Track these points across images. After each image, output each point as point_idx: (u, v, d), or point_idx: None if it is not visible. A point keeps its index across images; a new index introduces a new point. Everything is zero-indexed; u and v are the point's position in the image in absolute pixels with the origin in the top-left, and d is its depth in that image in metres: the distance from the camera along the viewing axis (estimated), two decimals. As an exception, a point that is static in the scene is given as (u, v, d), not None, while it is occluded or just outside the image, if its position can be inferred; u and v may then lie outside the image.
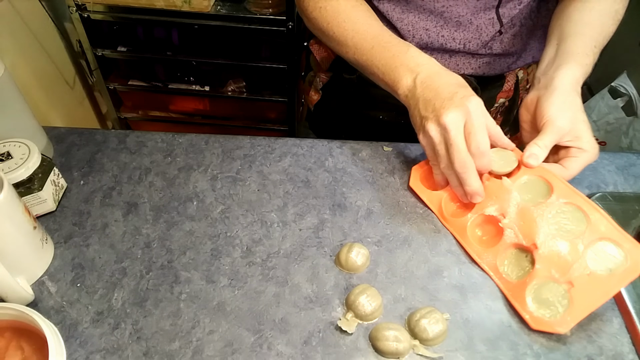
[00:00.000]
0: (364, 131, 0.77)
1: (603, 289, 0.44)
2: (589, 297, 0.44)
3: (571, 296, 0.45)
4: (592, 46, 0.55)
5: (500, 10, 0.61)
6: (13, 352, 0.41)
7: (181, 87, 1.52)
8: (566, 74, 0.52)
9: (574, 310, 0.44)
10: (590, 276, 0.44)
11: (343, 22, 0.59)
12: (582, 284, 0.44)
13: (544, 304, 0.46)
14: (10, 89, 0.54)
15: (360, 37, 0.58)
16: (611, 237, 0.46)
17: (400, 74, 0.53)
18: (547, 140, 0.51)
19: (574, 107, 0.52)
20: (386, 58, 0.55)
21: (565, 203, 0.49)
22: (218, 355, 0.44)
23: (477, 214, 0.53)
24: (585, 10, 0.58)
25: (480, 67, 0.67)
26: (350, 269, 0.50)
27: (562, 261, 0.46)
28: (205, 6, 1.26)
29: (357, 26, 0.59)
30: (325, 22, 0.61)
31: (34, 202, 0.52)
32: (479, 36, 0.63)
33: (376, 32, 0.58)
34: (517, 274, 0.49)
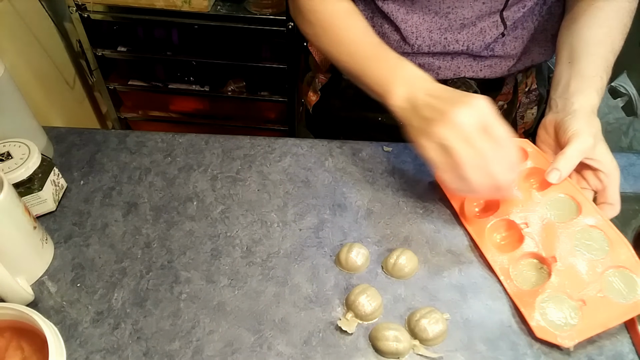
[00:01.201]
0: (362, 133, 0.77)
1: (614, 314, 0.45)
2: (599, 318, 0.45)
3: (582, 314, 0.45)
4: (605, 66, 0.56)
5: (505, 13, 0.61)
6: (13, 352, 0.41)
7: (181, 87, 1.52)
8: (585, 99, 0.53)
9: (583, 327, 0.44)
10: (604, 299, 0.45)
11: (339, 29, 0.59)
12: (594, 305, 0.45)
13: (552, 315, 0.46)
14: (10, 89, 0.54)
15: (356, 46, 0.57)
16: (630, 267, 0.47)
17: (396, 86, 0.52)
18: (572, 152, 0.50)
19: (596, 127, 0.52)
20: (382, 69, 0.54)
21: (590, 226, 0.49)
22: (218, 355, 0.44)
23: (499, 217, 0.53)
24: (595, 27, 0.57)
25: (481, 70, 0.67)
26: (350, 269, 0.50)
27: (578, 279, 0.46)
28: (205, 6, 1.26)
29: (352, 34, 0.58)
30: (320, 27, 0.60)
31: (34, 202, 0.52)
32: (483, 38, 0.63)
33: (373, 43, 0.57)
34: (530, 283, 0.49)
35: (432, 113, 0.48)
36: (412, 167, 0.62)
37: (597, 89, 0.54)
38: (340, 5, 0.60)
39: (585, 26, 0.58)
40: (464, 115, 0.45)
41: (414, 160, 0.63)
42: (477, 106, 0.46)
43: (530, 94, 0.76)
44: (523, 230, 0.51)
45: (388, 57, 0.55)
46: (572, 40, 0.58)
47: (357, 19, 0.59)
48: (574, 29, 0.59)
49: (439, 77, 0.68)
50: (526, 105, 0.77)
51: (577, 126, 0.51)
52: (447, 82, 0.68)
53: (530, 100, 0.76)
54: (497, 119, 0.46)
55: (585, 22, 0.58)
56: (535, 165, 0.55)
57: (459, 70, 0.67)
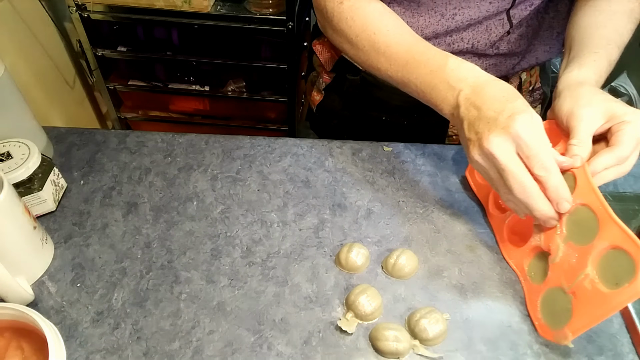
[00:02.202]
0: (366, 132, 0.77)
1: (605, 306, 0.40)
2: (589, 313, 0.41)
3: (575, 309, 0.42)
4: (603, 43, 0.53)
5: (511, 11, 0.61)
6: (13, 352, 0.41)
7: (181, 87, 1.52)
8: (568, 76, 0.51)
9: (574, 324, 0.42)
10: (592, 291, 0.41)
11: (373, 34, 0.54)
12: (582, 296, 0.42)
13: (550, 313, 0.45)
14: (10, 89, 0.54)
15: (392, 50, 0.53)
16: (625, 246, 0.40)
17: (441, 93, 0.49)
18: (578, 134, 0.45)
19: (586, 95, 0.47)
20: (423, 75, 0.50)
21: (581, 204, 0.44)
22: (218, 355, 0.44)
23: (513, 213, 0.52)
24: (593, 15, 0.56)
25: (487, 69, 0.67)
26: (350, 269, 0.50)
27: (570, 269, 0.44)
28: (205, 6, 1.26)
29: (388, 38, 0.54)
30: (354, 34, 0.56)
31: (34, 202, 0.52)
32: (488, 36, 0.63)
33: (409, 44, 0.53)
34: (541, 278, 0.48)
35: (470, 132, 0.46)
36: (412, 167, 0.62)
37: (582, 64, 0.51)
38: (371, 7, 0.56)
39: (585, 15, 0.57)
40: (497, 143, 0.43)
41: (414, 160, 0.63)
42: (515, 132, 0.42)
43: (534, 93, 0.76)
44: (533, 223, 0.49)
45: (428, 58, 0.51)
46: (571, 31, 0.58)
47: (391, 18, 0.56)
48: (573, 21, 0.58)
49: None
50: (530, 104, 0.77)
51: (567, 105, 0.47)
52: None
53: (534, 99, 0.76)
54: (539, 145, 0.42)
55: (585, 12, 0.58)
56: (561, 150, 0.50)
57: None
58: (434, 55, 0.50)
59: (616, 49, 0.54)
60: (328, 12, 0.58)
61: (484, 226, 0.56)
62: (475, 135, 0.45)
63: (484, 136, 0.43)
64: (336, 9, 0.57)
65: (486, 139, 0.43)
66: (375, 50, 0.55)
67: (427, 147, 0.65)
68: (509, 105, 0.44)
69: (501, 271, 0.51)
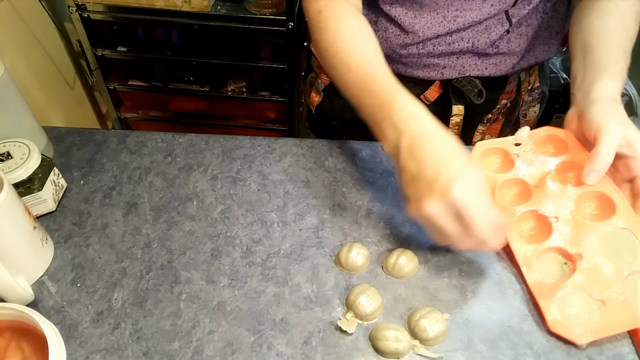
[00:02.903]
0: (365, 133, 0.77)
1: (633, 317, 0.44)
2: (617, 320, 0.45)
3: (601, 314, 0.45)
4: (621, 52, 0.54)
5: (510, 10, 0.61)
6: (13, 352, 0.41)
7: (181, 87, 1.51)
8: (602, 86, 0.51)
9: (599, 326, 0.44)
10: (624, 302, 0.45)
11: (339, 52, 0.54)
12: (614, 306, 0.45)
13: (570, 311, 0.46)
14: (10, 89, 0.54)
15: (352, 74, 0.53)
16: None
17: (385, 129, 0.48)
18: (606, 149, 0.47)
19: (619, 112, 0.49)
20: (372, 106, 0.50)
21: (622, 228, 0.49)
22: (218, 355, 0.44)
23: (529, 208, 0.52)
24: (605, 18, 0.56)
25: (486, 69, 0.67)
26: (350, 269, 0.50)
27: (601, 279, 0.46)
28: (205, 6, 1.26)
29: (352, 59, 0.53)
30: (323, 47, 0.56)
31: (34, 202, 0.52)
32: (488, 35, 0.63)
33: (369, 71, 0.52)
34: (552, 277, 0.49)
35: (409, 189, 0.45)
36: (412, 167, 0.62)
37: (614, 74, 0.52)
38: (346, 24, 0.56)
39: (597, 18, 0.57)
40: (435, 210, 0.43)
41: (414, 160, 0.63)
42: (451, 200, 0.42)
43: (533, 92, 0.76)
44: (553, 224, 0.50)
45: (380, 90, 0.50)
46: (583, 35, 0.57)
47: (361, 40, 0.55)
48: (584, 24, 0.58)
49: (444, 77, 0.68)
50: (529, 103, 0.77)
51: (600, 118, 0.49)
52: (452, 81, 0.68)
53: (533, 98, 0.76)
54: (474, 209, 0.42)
55: (595, 15, 0.57)
56: (572, 159, 0.53)
57: (463, 69, 0.67)
58: (387, 88, 0.49)
59: (629, 55, 0.55)
60: (309, 19, 0.59)
61: (484, 226, 0.56)
62: (415, 195, 0.44)
63: (422, 200, 0.43)
64: (314, 17, 0.57)
65: (424, 204, 0.43)
66: (337, 69, 0.54)
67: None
68: (449, 166, 0.43)
69: (501, 271, 0.51)
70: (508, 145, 0.58)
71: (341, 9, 0.56)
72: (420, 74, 0.68)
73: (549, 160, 0.55)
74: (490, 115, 0.75)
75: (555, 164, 0.54)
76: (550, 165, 0.54)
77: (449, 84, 0.69)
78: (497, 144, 0.58)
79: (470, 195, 0.42)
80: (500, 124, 0.78)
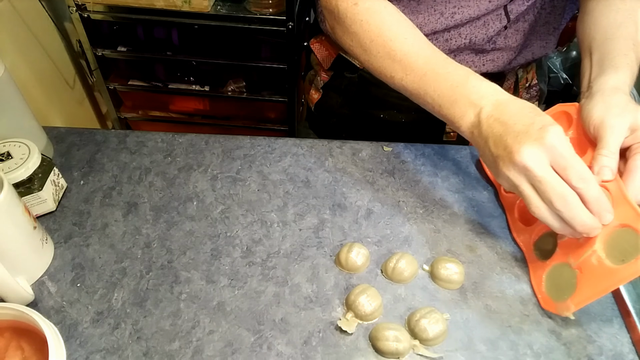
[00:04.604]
0: (364, 130, 0.77)
1: (609, 280, 0.42)
2: (592, 286, 0.43)
3: (578, 282, 0.45)
4: (629, 44, 0.52)
5: (509, 6, 0.61)
6: (13, 352, 0.41)
7: (181, 87, 1.51)
8: (604, 79, 0.49)
9: (578, 296, 0.44)
10: (598, 266, 0.43)
11: (390, 40, 0.52)
12: (589, 271, 0.44)
13: (554, 287, 0.47)
14: (10, 89, 0.54)
15: (410, 60, 0.51)
16: (634, 225, 0.42)
17: (461, 109, 0.47)
18: (607, 144, 0.45)
19: (620, 103, 0.46)
20: (442, 89, 0.48)
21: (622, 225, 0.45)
22: (218, 355, 0.44)
23: None
24: (611, 13, 0.55)
25: (484, 65, 0.67)
26: (350, 269, 0.50)
27: (578, 246, 0.46)
28: (205, 6, 1.26)
29: (406, 46, 0.51)
30: (368, 39, 0.53)
31: (34, 202, 0.52)
32: (486, 31, 0.63)
33: (428, 55, 0.50)
34: (547, 255, 0.50)
35: (497, 148, 0.44)
36: (412, 167, 0.62)
37: (620, 67, 0.50)
38: (387, 11, 0.54)
39: (602, 15, 0.56)
40: (530, 154, 0.41)
41: (414, 160, 0.63)
42: (549, 142, 0.41)
43: (531, 90, 0.76)
44: None
45: (448, 72, 0.49)
46: (590, 32, 0.56)
47: (408, 26, 0.54)
48: (591, 22, 0.57)
49: None
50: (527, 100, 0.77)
51: (597, 112, 0.47)
52: None
53: (531, 95, 0.76)
54: (574, 156, 0.41)
55: (600, 11, 0.56)
56: (575, 135, 0.52)
57: None
58: (455, 69, 0.49)
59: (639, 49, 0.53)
60: (340, 12, 0.55)
61: (484, 226, 0.56)
62: (504, 150, 0.43)
63: (514, 149, 0.42)
64: (350, 10, 0.54)
65: (518, 152, 0.41)
66: (390, 58, 0.52)
67: (427, 147, 0.65)
68: (538, 118, 0.43)
69: (501, 271, 0.51)
70: None
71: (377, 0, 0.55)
72: None
73: None
74: None
75: None
76: None
77: None
78: None
79: (566, 141, 0.41)
80: None
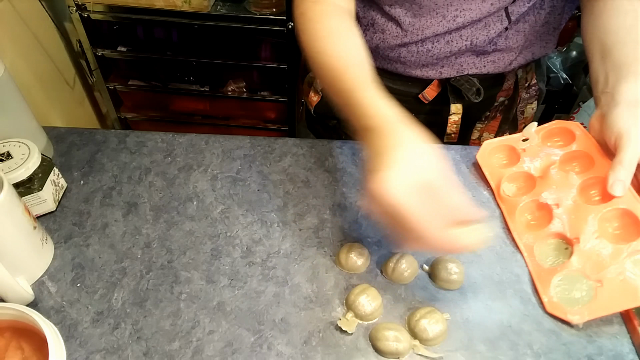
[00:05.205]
0: None
1: (630, 297, 0.44)
2: (613, 299, 0.44)
3: (596, 293, 0.45)
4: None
5: (510, 8, 0.61)
6: (13, 352, 0.41)
7: (181, 87, 1.52)
8: (627, 87, 0.50)
9: (594, 306, 0.45)
10: (623, 282, 0.44)
11: (317, 53, 0.55)
12: (611, 286, 0.45)
13: (566, 293, 0.46)
14: (10, 89, 0.54)
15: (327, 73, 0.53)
16: None
17: (352, 121, 0.48)
18: (626, 157, 0.46)
19: None
20: (343, 99, 0.50)
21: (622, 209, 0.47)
22: (218, 355, 0.44)
23: (532, 198, 0.54)
24: (620, 16, 0.55)
25: (484, 66, 0.67)
26: (350, 269, 0.50)
27: (599, 260, 0.46)
28: (205, 6, 1.26)
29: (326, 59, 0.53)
30: (304, 48, 0.57)
31: (34, 202, 0.52)
32: (487, 33, 0.63)
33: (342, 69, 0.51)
34: (552, 262, 0.49)
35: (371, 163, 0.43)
36: (412, 167, 0.62)
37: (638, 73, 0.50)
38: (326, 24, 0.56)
39: (611, 17, 0.56)
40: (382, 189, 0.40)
41: (414, 160, 0.63)
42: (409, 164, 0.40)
43: (530, 89, 0.76)
44: (554, 211, 0.51)
45: (350, 87, 0.49)
46: (600, 35, 0.56)
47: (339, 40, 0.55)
48: (599, 25, 0.57)
49: (442, 76, 0.68)
50: (526, 100, 0.77)
51: (621, 124, 0.47)
52: (450, 80, 0.68)
53: (531, 95, 0.77)
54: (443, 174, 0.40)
55: (608, 14, 0.56)
56: (579, 148, 0.54)
57: (462, 68, 0.67)
58: (356, 82, 0.49)
59: None
60: (294, 19, 0.60)
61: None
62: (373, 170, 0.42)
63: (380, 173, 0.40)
64: (298, 18, 0.58)
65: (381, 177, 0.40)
66: (315, 68, 0.56)
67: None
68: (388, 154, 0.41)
69: (501, 271, 0.51)
70: (515, 141, 0.59)
71: (323, 10, 0.57)
72: (418, 73, 0.68)
73: (555, 152, 0.56)
74: (488, 113, 0.76)
75: (560, 155, 0.55)
76: (555, 157, 0.55)
77: (447, 82, 0.69)
78: (504, 141, 0.60)
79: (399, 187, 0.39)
80: (498, 121, 0.78)
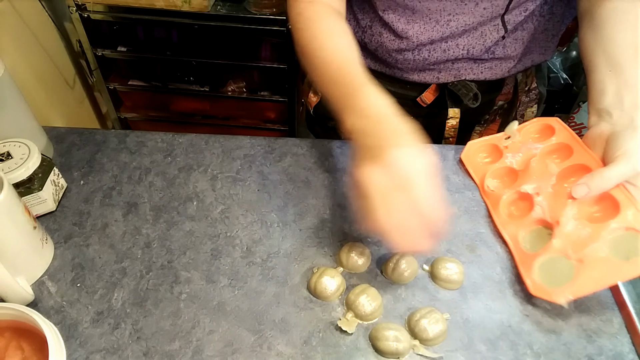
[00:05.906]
0: None
1: (611, 272, 0.44)
2: (596, 277, 0.44)
3: (577, 272, 0.45)
4: None
5: (506, 17, 0.61)
6: (13, 352, 0.41)
7: (181, 87, 1.52)
8: None
9: (577, 285, 0.45)
10: (604, 259, 0.44)
11: (315, 50, 0.55)
12: (592, 263, 0.45)
13: (548, 275, 0.47)
14: (10, 89, 0.54)
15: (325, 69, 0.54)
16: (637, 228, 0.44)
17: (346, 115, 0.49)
18: (616, 171, 0.46)
19: None
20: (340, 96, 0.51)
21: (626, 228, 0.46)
22: (218, 355, 0.44)
23: (514, 189, 0.55)
24: (628, 30, 0.54)
25: (482, 72, 0.67)
26: (352, 268, 0.50)
27: (580, 240, 0.47)
28: (205, 6, 1.26)
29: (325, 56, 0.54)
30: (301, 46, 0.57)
31: (34, 202, 0.52)
32: (483, 42, 0.63)
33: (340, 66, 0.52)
34: (535, 248, 0.50)
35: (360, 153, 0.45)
36: (412, 167, 0.62)
37: None
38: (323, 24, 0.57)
39: (616, 30, 0.54)
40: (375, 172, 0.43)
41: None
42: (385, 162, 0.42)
43: (530, 93, 0.76)
44: (534, 199, 0.52)
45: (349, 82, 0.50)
46: (605, 47, 0.54)
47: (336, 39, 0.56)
48: (603, 35, 0.55)
49: (440, 81, 0.68)
50: (526, 104, 0.77)
51: (631, 145, 0.47)
52: (448, 85, 0.68)
53: (531, 99, 0.76)
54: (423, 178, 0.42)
55: (613, 26, 0.55)
56: (559, 140, 0.56)
57: (459, 73, 0.67)
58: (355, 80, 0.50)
59: None
60: (290, 20, 0.61)
61: (484, 226, 0.56)
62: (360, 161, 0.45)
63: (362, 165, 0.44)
64: (294, 19, 0.59)
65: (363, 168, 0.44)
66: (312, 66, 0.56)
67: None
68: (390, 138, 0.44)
69: (501, 271, 0.51)
70: (498, 140, 0.62)
71: (319, 11, 0.58)
72: (416, 77, 0.69)
73: (536, 146, 0.57)
74: (488, 116, 0.75)
75: (540, 148, 0.57)
76: (536, 150, 0.57)
77: (444, 87, 0.69)
78: (487, 140, 0.63)
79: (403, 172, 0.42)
80: (498, 124, 0.78)
